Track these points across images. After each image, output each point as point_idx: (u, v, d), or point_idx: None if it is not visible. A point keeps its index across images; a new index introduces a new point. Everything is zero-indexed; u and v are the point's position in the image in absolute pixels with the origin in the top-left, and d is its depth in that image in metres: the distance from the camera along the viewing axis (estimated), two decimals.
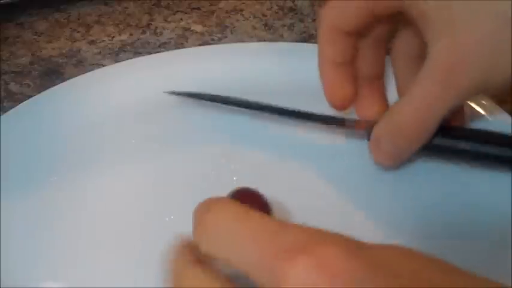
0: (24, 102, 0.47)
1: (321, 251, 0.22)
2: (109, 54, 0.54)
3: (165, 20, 0.58)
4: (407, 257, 0.23)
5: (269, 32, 0.56)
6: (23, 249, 0.38)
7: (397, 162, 0.40)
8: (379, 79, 0.42)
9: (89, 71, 0.50)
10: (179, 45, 0.55)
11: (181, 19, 0.58)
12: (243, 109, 0.44)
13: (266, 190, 0.33)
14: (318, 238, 0.23)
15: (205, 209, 0.26)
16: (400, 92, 0.42)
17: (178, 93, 0.46)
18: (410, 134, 0.37)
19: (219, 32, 0.56)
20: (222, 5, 0.59)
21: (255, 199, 0.34)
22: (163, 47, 0.55)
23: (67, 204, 0.41)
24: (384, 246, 0.23)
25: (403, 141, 0.38)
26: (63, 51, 0.55)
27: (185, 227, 0.29)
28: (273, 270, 0.22)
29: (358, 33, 0.40)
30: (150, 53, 0.53)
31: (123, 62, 0.51)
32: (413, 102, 0.36)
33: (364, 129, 0.40)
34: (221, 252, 0.25)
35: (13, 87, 0.51)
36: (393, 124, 0.37)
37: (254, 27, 0.57)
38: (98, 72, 0.50)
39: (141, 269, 0.37)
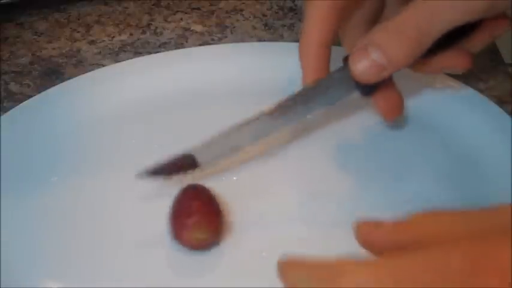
0: (24, 102, 0.47)
1: (494, 262, 0.23)
2: (109, 54, 0.54)
3: (165, 20, 0.58)
4: None
5: (269, 32, 0.56)
6: (23, 249, 0.38)
7: (379, 76, 0.38)
8: None
9: (89, 71, 0.50)
10: (179, 45, 0.55)
11: (181, 19, 0.58)
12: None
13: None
14: (477, 249, 0.23)
15: (334, 274, 0.24)
16: None
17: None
18: (406, 41, 0.37)
19: (219, 32, 0.56)
20: (222, 5, 0.59)
21: (202, 194, 0.37)
22: (163, 47, 0.55)
23: (67, 204, 0.41)
24: None
25: (395, 48, 0.37)
26: (63, 51, 0.55)
27: None
28: None
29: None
30: (150, 53, 0.53)
31: (123, 62, 0.51)
32: (418, 11, 0.36)
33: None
34: None
35: (13, 87, 0.51)
36: (389, 31, 0.37)
37: (254, 27, 0.57)
38: (98, 72, 0.50)
39: (141, 268, 0.37)
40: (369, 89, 0.40)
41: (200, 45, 0.55)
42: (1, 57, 0.54)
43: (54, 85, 0.48)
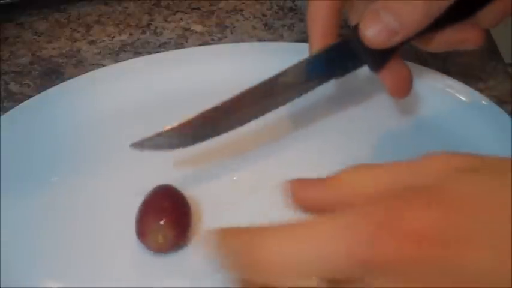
0: (24, 102, 0.47)
1: (397, 224, 0.22)
2: (109, 54, 0.54)
3: (165, 20, 0.58)
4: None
5: (269, 32, 0.56)
6: (23, 249, 0.38)
7: (390, 40, 0.38)
8: None
9: (89, 71, 0.50)
10: (179, 45, 0.55)
11: (181, 19, 0.58)
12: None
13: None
14: (382, 212, 0.23)
15: (250, 245, 0.24)
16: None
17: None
18: (419, 4, 0.36)
19: (219, 32, 0.56)
20: (222, 5, 0.59)
21: (171, 196, 0.37)
22: (163, 47, 0.55)
23: (67, 204, 0.41)
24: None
25: (407, 12, 0.37)
26: (63, 51, 0.55)
27: None
28: (364, 261, 0.22)
29: None
30: (150, 53, 0.53)
31: (123, 62, 0.51)
32: None
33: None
34: (292, 276, 0.23)
35: (13, 87, 0.51)
36: None
37: (254, 27, 0.57)
38: (98, 72, 0.50)
39: (141, 268, 0.37)
40: (377, 62, 0.39)
41: (200, 45, 0.55)
42: (1, 57, 0.54)
43: (54, 85, 0.48)
